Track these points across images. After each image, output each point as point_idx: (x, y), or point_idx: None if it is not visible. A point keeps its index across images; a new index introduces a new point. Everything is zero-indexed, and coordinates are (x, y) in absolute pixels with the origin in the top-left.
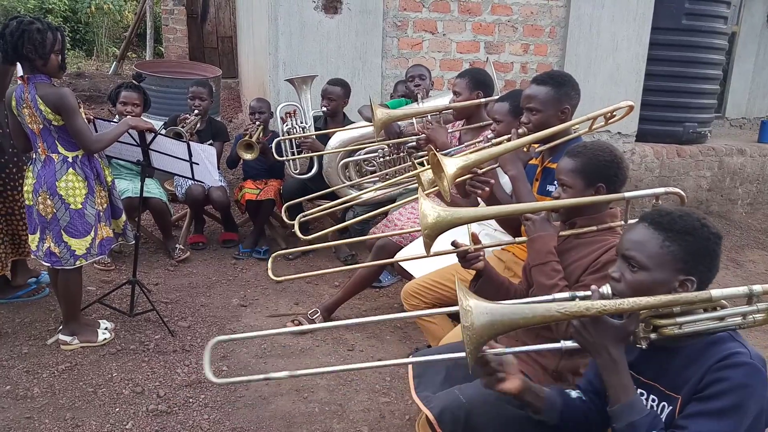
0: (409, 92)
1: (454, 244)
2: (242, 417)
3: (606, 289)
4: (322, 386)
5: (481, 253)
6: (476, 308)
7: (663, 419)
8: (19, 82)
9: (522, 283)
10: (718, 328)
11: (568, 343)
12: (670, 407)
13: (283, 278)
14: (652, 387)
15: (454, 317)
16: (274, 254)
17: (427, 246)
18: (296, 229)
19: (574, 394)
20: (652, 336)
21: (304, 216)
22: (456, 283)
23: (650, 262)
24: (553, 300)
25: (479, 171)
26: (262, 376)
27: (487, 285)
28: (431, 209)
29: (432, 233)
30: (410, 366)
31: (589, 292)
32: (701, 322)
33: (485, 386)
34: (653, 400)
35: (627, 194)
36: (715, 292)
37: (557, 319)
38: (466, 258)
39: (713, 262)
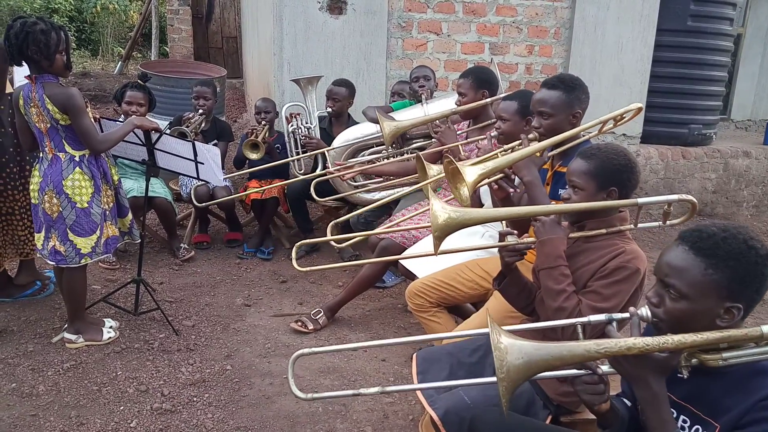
0: (413, 93)
1: (501, 234)
2: (246, 416)
3: (645, 311)
4: (325, 386)
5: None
6: (511, 349)
7: None
8: (27, 81)
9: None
10: (766, 358)
11: (605, 368)
12: None
13: (308, 268)
14: (685, 408)
15: (459, 317)
16: (298, 243)
17: (437, 246)
18: (330, 233)
19: (626, 402)
20: (693, 362)
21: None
22: (488, 321)
23: (692, 291)
24: (588, 322)
25: (509, 171)
26: (351, 392)
27: (512, 285)
28: (442, 210)
29: (442, 234)
30: (414, 365)
31: (627, 315)
32: (750, 356)
33: (588, 402)
34: (684, 421)
35: (640, 200)
36: (766, 328)
37: (596, 359)
38: (509, 251)
39: (762, 285)
